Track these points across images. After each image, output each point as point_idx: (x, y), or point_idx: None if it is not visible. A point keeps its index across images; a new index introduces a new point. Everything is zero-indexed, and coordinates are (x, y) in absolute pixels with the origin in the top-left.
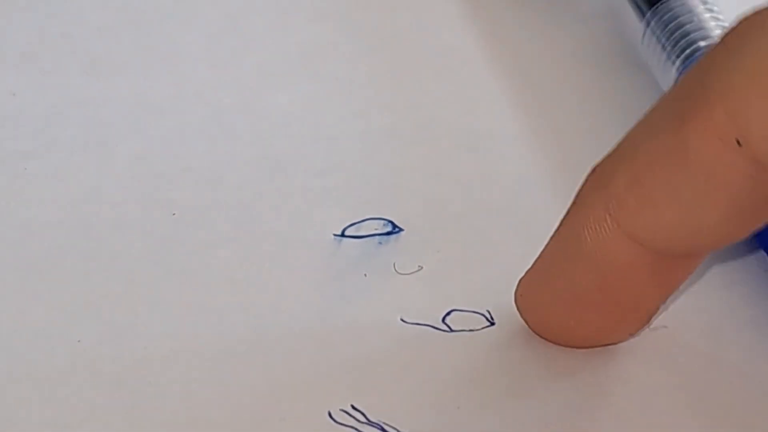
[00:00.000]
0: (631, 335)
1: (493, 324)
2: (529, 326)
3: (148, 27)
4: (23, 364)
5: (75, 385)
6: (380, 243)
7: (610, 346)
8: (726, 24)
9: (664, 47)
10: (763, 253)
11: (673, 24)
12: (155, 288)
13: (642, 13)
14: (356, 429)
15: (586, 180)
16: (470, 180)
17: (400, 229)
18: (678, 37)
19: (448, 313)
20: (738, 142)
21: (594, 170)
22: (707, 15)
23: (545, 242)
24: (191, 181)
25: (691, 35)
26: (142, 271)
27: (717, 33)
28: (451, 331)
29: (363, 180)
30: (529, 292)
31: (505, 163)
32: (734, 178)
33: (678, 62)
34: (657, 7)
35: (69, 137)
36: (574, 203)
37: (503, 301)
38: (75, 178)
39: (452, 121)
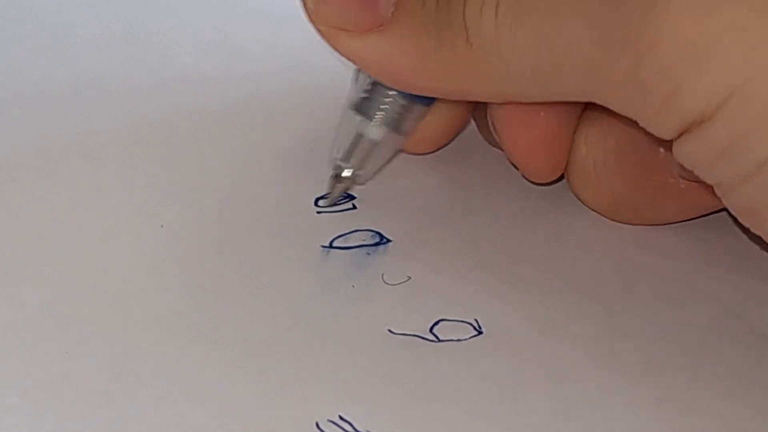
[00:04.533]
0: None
1: (480, 333)
2: None
3: (138, 40)
4: (11, 374)
5: (63, 395)
6: (368, 254)
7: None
8: None
9: None
10: None
11: None
12: (143, 299)
13: None
14: None
15: None
16: (458, 190)
17: (388, 240)
18: None
19: (436, 323)
20: None
21: None
22: None
23: (534, 252)
24: (179, 192)
25: None
26: (131, 282)
27: None
28: (439, 340)
29: (351, 192)
30: None
31: (494, 172)
32: None
33: None
34: None
35: (58, 148)
36: None
37: (491, 310)
38: (64, 189)
39: None
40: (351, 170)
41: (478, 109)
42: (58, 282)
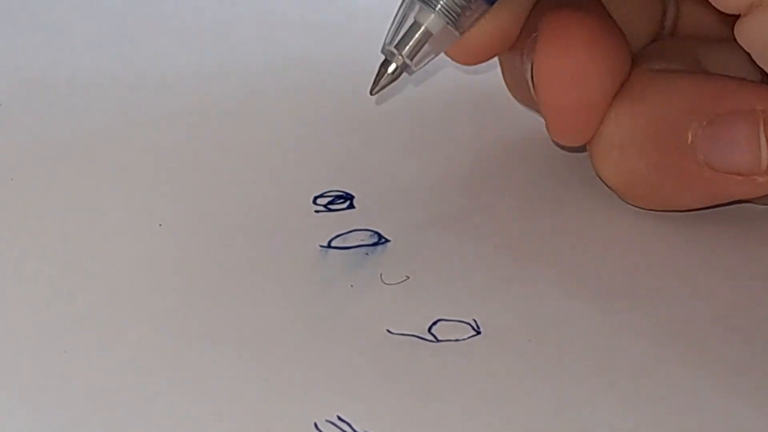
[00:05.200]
0: None
1: (479, 333)
2: None
3: (134, 38)
4: (9, 374)
5: (61, 395)
6: (367, 254)
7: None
8: None
9: None
10: None
11: None
12: (141, 298)
13: None
14: None
15: None
16: (456, 190)
17: (387, 240)
18: None
19: (435, 323)
20: None
21: None
22: None
23: (533, 252)
24: (178, 191)
25: None
26: (129, 281)
27: None
28: (438, 340)
29: (349, 191)
30: None
31: (493, 172)
32: None
33: None
34: None
35: (56, 147)
36: None
37: (489, 310)
38: (62, 188)
39: (440, 131)
40: (401, 59)
41: (511, 67)
42: (56, 281)
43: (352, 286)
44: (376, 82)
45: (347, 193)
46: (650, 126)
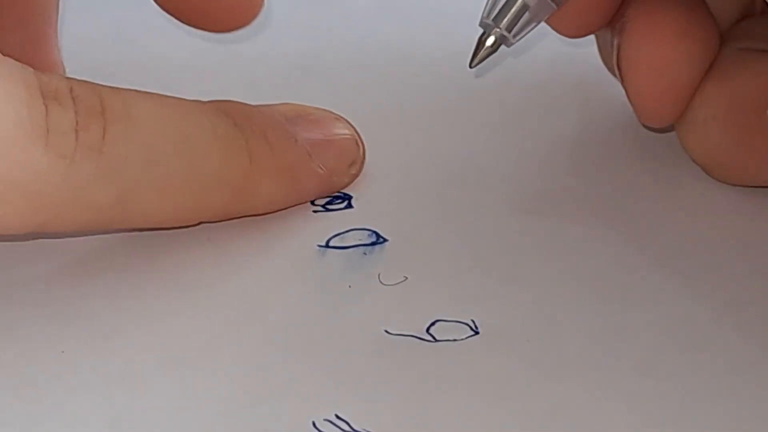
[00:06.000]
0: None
1: (477, 333)
2: None
3: (134, 41)
4: (8, 373)
5: (59, 395)
6: (365, 254)
7: None
8: None
9: None
10: None
11: None
12: (141, 299)
13: None
14: None
15: None
16: (455, 189)
17: (385, 240)
18: None
19: (433, 323)
20: None
21: None
22: None
23: (531, 252)
24: None
25: None
26: (128, 282)
27: None
28: (436, 341)
29: (348, 191)
30: None
31: (491, 172)
32: None
33: None
34: None
35: None
36: None
37: (488, 311)
38: None
39: (438, 130)
40: (499, 31)
41: (604, 40)
42: (53, 280)
43: (350, 286)
44: (474, 55)
45: (345, 194)
46: (731, 103)
